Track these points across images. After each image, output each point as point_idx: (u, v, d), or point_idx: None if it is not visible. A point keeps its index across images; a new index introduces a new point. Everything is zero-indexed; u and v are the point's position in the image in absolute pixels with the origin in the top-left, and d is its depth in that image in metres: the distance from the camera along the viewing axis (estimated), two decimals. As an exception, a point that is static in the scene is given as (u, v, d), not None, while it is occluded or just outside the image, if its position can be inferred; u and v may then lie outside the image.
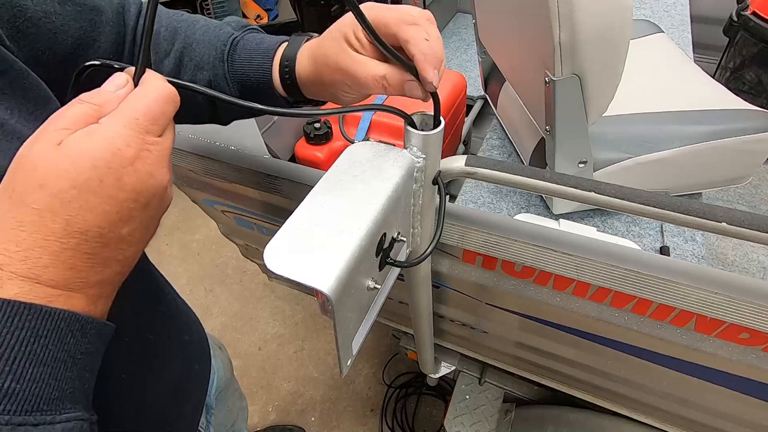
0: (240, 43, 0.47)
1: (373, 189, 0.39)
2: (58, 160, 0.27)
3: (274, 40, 0.47)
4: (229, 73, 0.47)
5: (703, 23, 1.74)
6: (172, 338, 0.55)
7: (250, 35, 0.48)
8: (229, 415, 0.74)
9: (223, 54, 0.47)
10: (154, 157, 0.30)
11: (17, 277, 0.27)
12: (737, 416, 0.68)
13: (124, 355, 0.40)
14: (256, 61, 0.46)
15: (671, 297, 0.50)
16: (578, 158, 0.90)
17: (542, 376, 0.91)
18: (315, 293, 0.33)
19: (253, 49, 0.47)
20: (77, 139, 0.28)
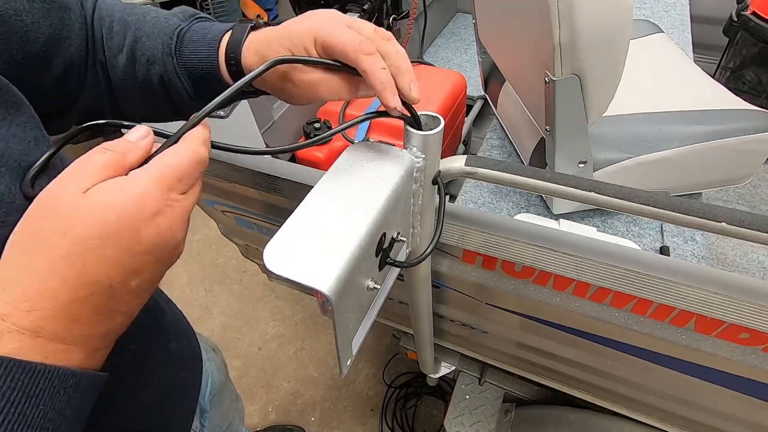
0: (187, 35, 0.46)
1: (373, 189, 0.39)
2: (85, 208, 0.28)
3: (219, 28, 0.46)
4: (178, 66, 0.46)
5: (703, 23, 1.74)
6: (158, 347, 0.54)
7: (197, 25, 0.47)
8: (225, 418, 0.74)
9: (171, 48, 0.46)
10: (176, 214, 0.31)
11: (18, 330, 0.26)
12: (737, 416, 0.68)
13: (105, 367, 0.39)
14: (203, 52, 0.45)
15: (671, 297, 0.50)
16: (578, 158, 0.90)
17: (542, 376, 0.91)
18: (315, 293, 0.33)
19: (199, 39, 0.46)
20: (106, 189, 0.29)
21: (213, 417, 0.69)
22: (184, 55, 0.46)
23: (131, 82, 0.47)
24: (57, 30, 0.42)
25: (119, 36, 0.46)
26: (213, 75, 0.45)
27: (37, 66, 0.41)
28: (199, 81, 0.47)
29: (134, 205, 0.29)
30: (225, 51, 0.44)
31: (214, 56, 0.45)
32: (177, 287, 1.86)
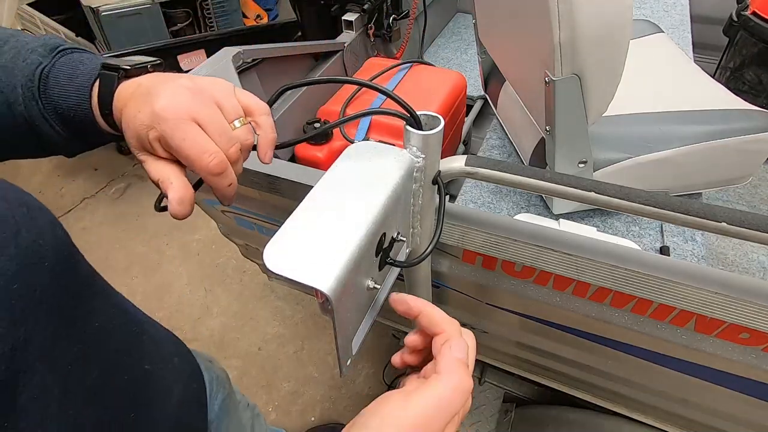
0: (51, 77, 0.41)
1: (373, 189, 0.39)
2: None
3: (86, 71, 0.42)
4: (46, 111, 0.42)
5: (703, 23, 1.74)
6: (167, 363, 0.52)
7: (62, 61, 0.42)
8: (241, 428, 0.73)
9: (33, 92, 0.41)
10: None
11: None
12: (737, 416, 0.68)
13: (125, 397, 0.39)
14: (72, 99, 0.41)
15: (671, 297, 0.50)
16: (578, 158, 0.90)
17: (542, 376, 0.91)
18: (315, 293, 0.32)
19: (66, 83, 0.41)
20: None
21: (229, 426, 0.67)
22: (51, 99, 0.42)
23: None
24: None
25: None
26: (88, 122, 0.42)
27: None
28: (74, 125, 0.43)
29: (455, 395, 0.33)
30: (98, 103, 0.41)
31: (85, 105, 0.41)
32: (177, 287, 1.86)
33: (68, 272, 0.34)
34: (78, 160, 2.37)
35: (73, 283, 0.34)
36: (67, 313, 0.33)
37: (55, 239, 0.32)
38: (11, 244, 0.28)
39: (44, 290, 0.30)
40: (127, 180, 2.28)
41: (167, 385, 0.50)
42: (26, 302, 0.28)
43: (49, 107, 0.42)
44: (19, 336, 0.27)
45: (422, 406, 0.31)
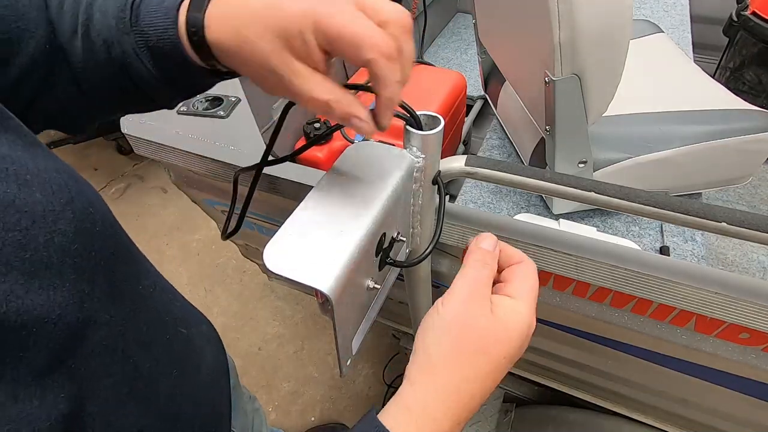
0: (142, 5, 0.37)
1: (373, 189, 0.39)
2: (497, 329, 0.35)
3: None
4: (138, 45, 0.37)
5: (703, 23, 1.74)
6: (197, 329, 0.54)
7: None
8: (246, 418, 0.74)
9: (125, 23, 0.37)
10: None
11: (404, 410, 0.33)
12: (737, 416, 0.68)
13: (168, 351, 0.41)
14: (160, 24, 0.36)
15: (671, 297, 0.50)
16: (578, 158, 0.90)
17: (542, 376, 0.91)
18: (315, 293, 0.33)
19: (155, 8, 0.37)
20: (508, 311, 0.36)
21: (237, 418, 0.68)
22: (141, 30, 0.37)
23: (91, 67, 0.39)
24: (11, 23, 0.35)
25: (71, 16, 0.38)
26: (176, 53, 0.36)
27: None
28: (163, 59, 0.38)
29: (528, 327, 0.36)
30: (185, 27, 0.35)
31: (172, 30, 0.36)
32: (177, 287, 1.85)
33: (113, 238, 0.35)
34: (78, 160, 2.37)
35: (118, 248, 0.36)
36: (117, 275, 0.35)
37: (102, 208, 0.34)
38: (68, 209, 0.30)
39: (97, 252, 0.32)
40: (127, 180, 2.28)
41: (200, 346, 0.52)
42: (86, 261, 0.30)
43: (141, 41, 0.37)
44: (84, 289, 0.30)
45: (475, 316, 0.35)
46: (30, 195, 0.29)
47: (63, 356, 0.29)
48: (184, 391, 0.45)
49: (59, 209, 0.30)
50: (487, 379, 0.34)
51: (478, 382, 0.34)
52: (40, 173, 0.30)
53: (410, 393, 0.34)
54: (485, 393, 0.35)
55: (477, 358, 0.34)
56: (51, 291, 0.28)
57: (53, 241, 0.29)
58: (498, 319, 0.35)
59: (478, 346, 0.34)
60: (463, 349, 0.34)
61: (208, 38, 0.34)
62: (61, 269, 0.29)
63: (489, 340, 0.34)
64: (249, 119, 0.77)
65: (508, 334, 0.35)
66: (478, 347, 0.34)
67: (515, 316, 0.36)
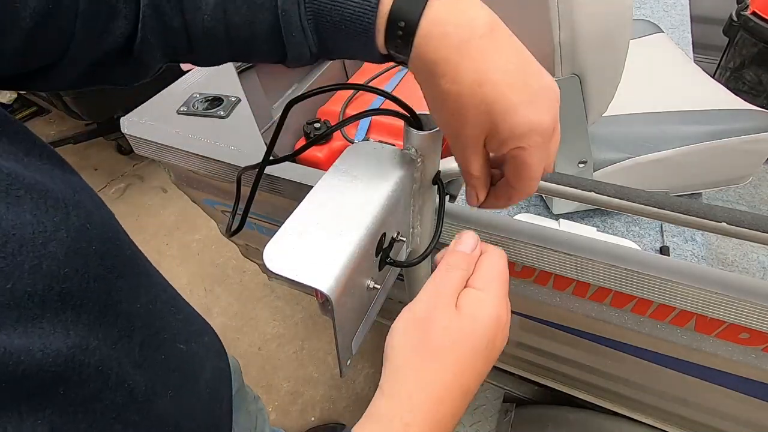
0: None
1: (373, 189, 0.39)
2: (462, 323, 0.33)
3: None
4: (305, 17, 0.34)
5: (703, 23, 1.74)
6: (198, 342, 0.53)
7: None
8: (249, 419, 0.74)
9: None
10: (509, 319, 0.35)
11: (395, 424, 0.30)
12: (737, 416, 0.68)
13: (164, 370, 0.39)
14: (351, 4, 0.32)
15: (671, 297, 0.50)
16: (578, 158, 0.90)
17: (542, 376, 0.91)
18: (315, 293, 0.33)
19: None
20: (471, 304, 0.34)
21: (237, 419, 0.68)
22: (317, 2, 0.33)
23: (221, 28, 0.36)
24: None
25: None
26: (361, 32, 0.33)
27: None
28: (333, 36, 0.35)
29: (496, 317, 0.34)
30: (389, 12, 0.31)
31: (371, 13, 0.32)
32: (177, 287, 1.83)
33: (113, 253, 0.34)
34: (78, 160, 2.37)
35: (118, 263, 0.34)
36: (113, 295, 0.33)
37: (101, 221, 0.33)
38: (62, 228, 0.28)
39: (91, 273, 0.30)
40: (127, 180, 2.28)
41: (200, 360, 0.50)
42: (76, 285, 0.29)
43: (310, 11, 0.34)
44: (68, 318, 0.28)
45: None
46: (19, 216, 0.26)
47: (44, 403, 0.26)
48: (182, 407, 0.43)
49: (51, 230, 0.28)
50: (461, 376, 0.32)
51: (450, 381, 0.32)
52: (34, 187, 0.28)
53: (380, 401, 0.33)
54: (466, 390, 0.33)
55: (443, 355, 0.32)
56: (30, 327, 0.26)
57: (41, 267, 0.27)
58: (462, 313, 0.33)
59: (441, 343, 0.32)
60: (426, 348, 0.33)
61: (421, 27, 0.30)
62: (45, 298, 0.27)
63: (454, 335, 0.33)
64: (249, 119, 0.77)
65: (474, 326, 0.33)
66: (441, 344, 0.32)
67: (480, 306, 0.34)
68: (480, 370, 0.33)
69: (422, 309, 0.34)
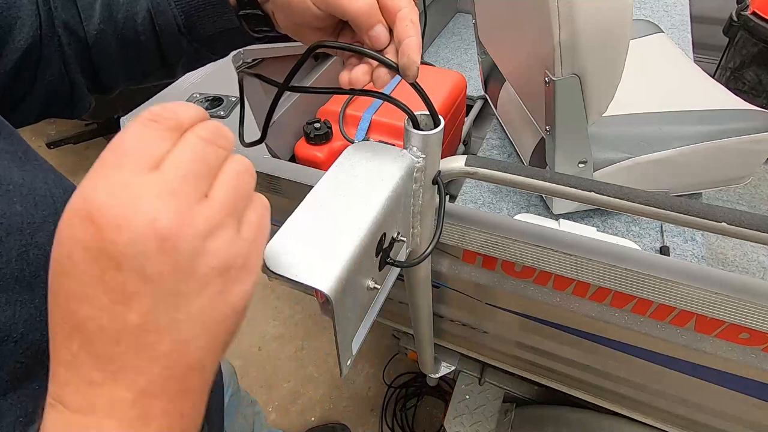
0: None
1: (373, 189, 0.39)
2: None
3: None
4: (174, 2, 0.41)
5: (703, 23, 1.74)
6: None
7: None
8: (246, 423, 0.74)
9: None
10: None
11: (50, 404, 0.21)
12: (737, 416, 0.68)
13: None
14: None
15: (671, 297, 0.50)
16: (578, 158, 0.90)
17: (542, 376, 0.91)
18: (315, 293, 0.32)
19: None
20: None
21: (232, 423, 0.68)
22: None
23: (110, 30, 0.42)
24: (3, 11, 0.36)
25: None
26: (219, 7, 0.41)
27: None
28: (197, 11, 0.41)
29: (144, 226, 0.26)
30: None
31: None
32: (177, 287, 1.86)
33: None
34: (78, 160, 2.37)
35: None
36: None
37: None
38: (50, 221, 0.30)
39: None
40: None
41: None
42: None
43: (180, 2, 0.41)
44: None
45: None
46: (9, 206, 0.28)
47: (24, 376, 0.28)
48: None
49: (39, 221, 0.29)
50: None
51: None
52: (25, 184, 0.30)
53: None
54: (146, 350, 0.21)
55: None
56: (18, 307, 0.27)
57: (27, 255, 0.28)
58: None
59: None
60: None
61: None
62: (32, 283, 0.28)
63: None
64: (249, 119, 0.77)
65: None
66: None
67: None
68: (80, 293, 0.20)
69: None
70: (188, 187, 0.22)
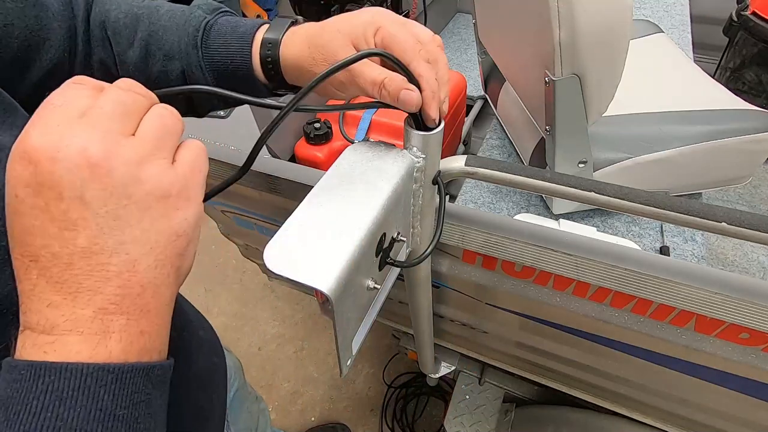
0: (214, 28, 0.44)
1: (373, 189, 0.39)
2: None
3: (250, 23, 0.44)
4: (204, 60, 0.44)
5: (703, 23, 1.74)
6: (190, 333, 0.54)
7: (224, 18, 0.45)
8: (251, 418, 0.74)
9: (196, 41, 0.44)
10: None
11: (21, 331, 0.24)
12: (737, 416, 0.68)
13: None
14: (234, 46, 0.43)
15: (671, 297, 0.50)
16: (578, 158, 0.90)
17: (542, 376, 0.91)
18: (315, 293, 0.32)
19: (228, 33, 0.44)
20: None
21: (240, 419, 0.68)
22: (211, 48, 0.44)
23: (142, 77, 0.45)
24: (33, 31, 0.39)
25: (129, 30, 0.44)
26: (243, 69, 0.44)
27: (12, 72, 0.38)
28: (225, 75, 0.45)
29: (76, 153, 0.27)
30: (260, 44, 0.43)
31: (246, 50, 0.43)
32: (177, 287, 1.86)
33: None
34: (78, 160, 2.36)
35: None
36: None
37: None
38: None
39: None
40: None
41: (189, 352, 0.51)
42: None
43: (207, 56, 0.44)
44: None
45: None
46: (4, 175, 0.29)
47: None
48: None
49: None
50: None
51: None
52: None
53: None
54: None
55: None
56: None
57: None
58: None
59: None
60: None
61: (282, 53, 0.42)
62: None
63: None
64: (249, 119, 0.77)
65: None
66: None
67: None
68: (28, 224, 0.23)
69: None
70: (114, 123, 0.25)
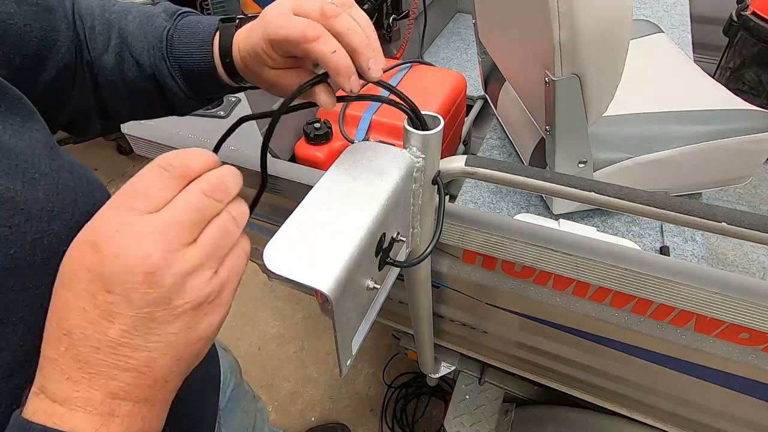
0: (175, 37, 0.46)
1: (373, 189, 0.39)
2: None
3: (207, 25, 0.46)
4: (172, 69, 0.46)
5: (703, 23, 1.74)
6: None
7: (183, 22, 0.47)
8: (247, 418, 0.74)
9: (162, 52, 0.45)
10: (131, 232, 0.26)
11: (34, 392, 0.26)
12: (737, 416, 0.68)
13: None
14: (196, 54, 0.45)
15: (671, 297, 0.50)
16: (578, 158, 0.90)
17: (542, 376, 0.91)
18: (315, 293, 0.33)
19: (189, 41, 0.46)
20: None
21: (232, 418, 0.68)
22: (177, 57, 0.46)
23: (119, 81, 0.47)
24: (47, 33, 0.41)
25: (102, 36, 0.46)
26: (209, 73, 0.46)
27: (31, 70, 0.40)
28: (195, 80, 0.47)
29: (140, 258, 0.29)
30: (218, 52, 0.44)
31: (209, 57, 0.45)
32: (177, 287, 1.86)
33: None
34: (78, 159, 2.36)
35: None
36: None
37: None
38: (68, 211, 0.32)
39: None
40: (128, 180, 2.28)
41: None
42: None
43: (175, 65, 0.46)
44: None
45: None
46: (32, 193, 0.30)
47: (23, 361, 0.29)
48: None
49: (58, 210, 0.31)
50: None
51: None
52: (51, 173, 0.32)
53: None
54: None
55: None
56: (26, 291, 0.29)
57: (42, 241, 0.30)
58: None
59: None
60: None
61: (235, 59, 0.43)
62: (42, 270, 0.30)
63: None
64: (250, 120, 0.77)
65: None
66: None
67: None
68: (74, 305, 0.25)
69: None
70: (180, 231, 0.26)
